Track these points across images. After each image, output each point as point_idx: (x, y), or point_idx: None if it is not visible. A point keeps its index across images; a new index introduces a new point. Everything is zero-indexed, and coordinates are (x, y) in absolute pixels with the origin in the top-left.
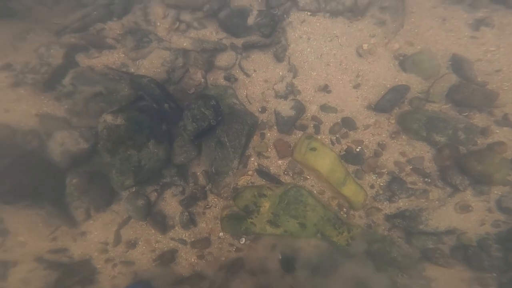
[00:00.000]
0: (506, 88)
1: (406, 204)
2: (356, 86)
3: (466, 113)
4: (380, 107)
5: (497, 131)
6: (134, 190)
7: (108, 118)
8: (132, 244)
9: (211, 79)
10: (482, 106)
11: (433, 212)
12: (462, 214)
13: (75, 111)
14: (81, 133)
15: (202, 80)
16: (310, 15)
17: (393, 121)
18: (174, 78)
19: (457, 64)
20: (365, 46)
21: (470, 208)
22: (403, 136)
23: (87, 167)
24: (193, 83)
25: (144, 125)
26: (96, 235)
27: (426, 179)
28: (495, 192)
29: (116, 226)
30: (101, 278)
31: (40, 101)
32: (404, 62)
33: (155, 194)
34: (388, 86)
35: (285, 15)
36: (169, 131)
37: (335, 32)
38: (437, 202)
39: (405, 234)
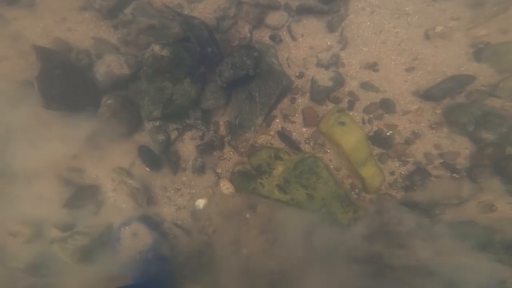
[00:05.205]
0: None
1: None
2: (409, 69)
3: None
4: (430, 94)
5: None
6: (158, 124)
7: (156, 48)
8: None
9: (257, 35)
10: None
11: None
12: (485, 214)
13: (126, 40)
14: (127, 59)
15: (248, 34)
16: None
17: (438, 111)
18: (222, 27)
19: None
20: (438, 29)
21: (494, 208)
22: (445, 129)
23: (123, 92)
24: (239, 36)
25: (185, 63)
26: (112, 161)
27: (454, 175)
28: None
29: (134, 157)
30: (106, 207)
31: (100, 26)
32: (481, 51)
33: (176, 133)
34: (449, 74)
35: None
36: (204, 75)
37: (407, 9)
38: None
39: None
